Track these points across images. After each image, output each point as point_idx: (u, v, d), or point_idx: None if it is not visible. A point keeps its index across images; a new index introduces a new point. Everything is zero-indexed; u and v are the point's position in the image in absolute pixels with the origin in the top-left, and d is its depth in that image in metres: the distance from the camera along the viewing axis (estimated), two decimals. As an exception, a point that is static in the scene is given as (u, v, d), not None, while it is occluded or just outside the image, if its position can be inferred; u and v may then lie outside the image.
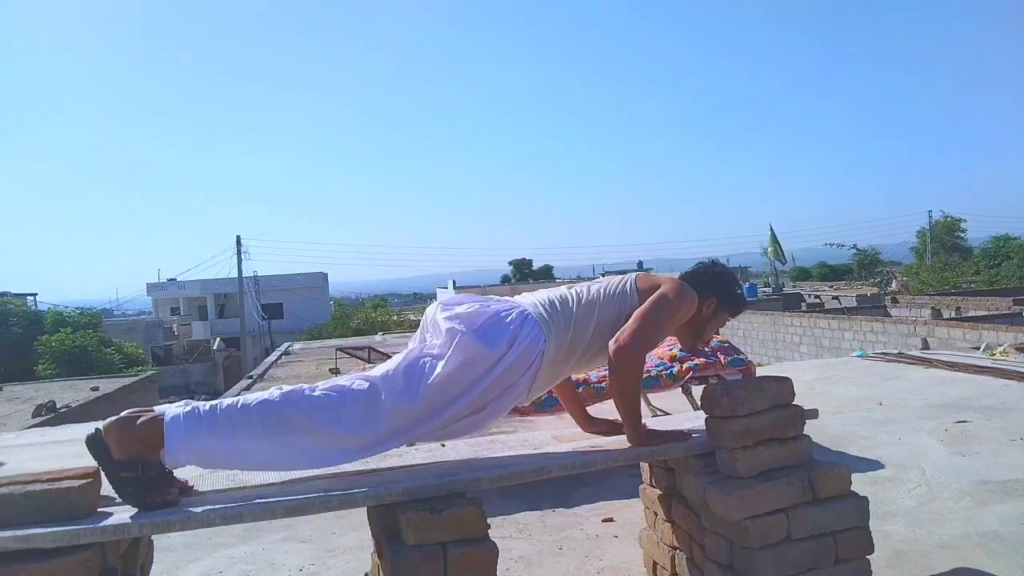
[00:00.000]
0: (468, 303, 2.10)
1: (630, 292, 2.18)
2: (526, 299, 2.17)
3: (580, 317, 2.13)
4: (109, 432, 1.80)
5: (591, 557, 3.00)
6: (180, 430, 1.82)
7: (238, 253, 31.51)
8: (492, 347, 1.98)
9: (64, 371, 20.79)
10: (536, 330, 2.04)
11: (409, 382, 1.97)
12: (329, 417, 1.90)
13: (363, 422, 1.93)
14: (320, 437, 1.90)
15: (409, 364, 2.01)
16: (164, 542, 3.12)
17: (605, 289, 2.19)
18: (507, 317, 2.05)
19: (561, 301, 2.15)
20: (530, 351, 2.02)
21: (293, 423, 1.88)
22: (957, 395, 5.62)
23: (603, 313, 2.15)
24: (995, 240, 31.57)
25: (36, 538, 1.60)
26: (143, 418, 1.83)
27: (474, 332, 1.99)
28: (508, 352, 1.99)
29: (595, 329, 2.14)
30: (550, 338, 2.06)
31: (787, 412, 2.15)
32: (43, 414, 10.06)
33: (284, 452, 1.89)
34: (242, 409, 1.88)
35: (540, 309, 2.10)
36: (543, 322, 2.07)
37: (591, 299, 2.16)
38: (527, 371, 2.04)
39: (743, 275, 41.59)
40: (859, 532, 2.12)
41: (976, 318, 14.05)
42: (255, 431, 1.86)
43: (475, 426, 2.08)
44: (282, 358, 15.49)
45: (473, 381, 1.98)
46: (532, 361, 2.03)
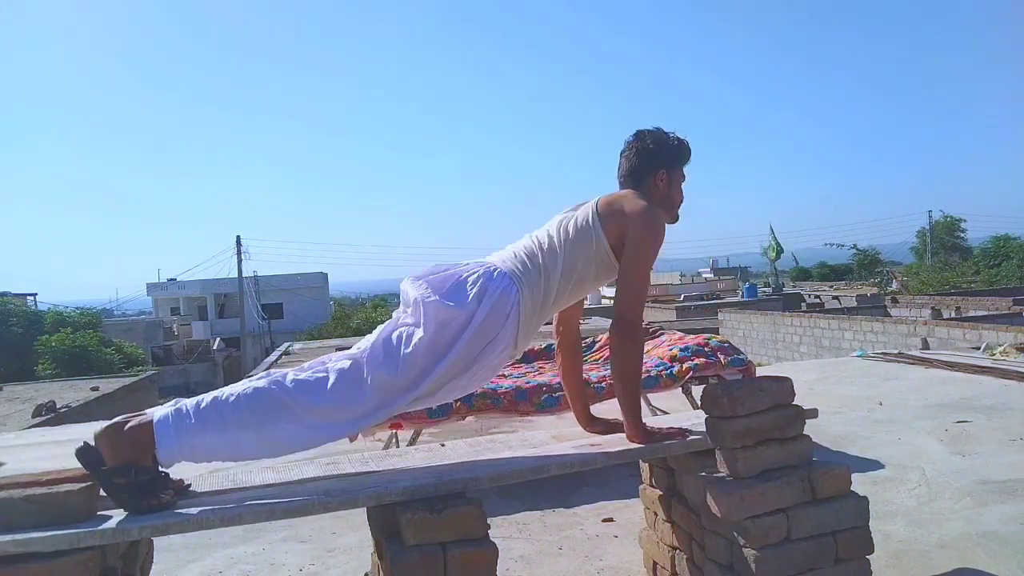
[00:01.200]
0: (436, 271, 2.10)
1: (593, 225, 2.14)
2: (493, 257, 2.17)
3: (547, 261, 2.11)
4: (100, 440, 1.80)
5: (591, 557, 3.00)
6: (170, 429, 1.82)
7: (238, 253, 31.52)
8: (461, 307, 1.98)
9: (64, 371, 20.79)
10: (506, 280, 2.04)
11: (388, 354, 1.97)
12: (316, 397, 1.91)
13: (349, 398, 1.93)
14: (309, 417, 1.90)
15: (386, 337, 2.02)
16: (164, 542, 3.12)
17: (566, 228, 2.16)
18: (471, 275, 2.05)
19: (527, 252, 2.13)
20: (503, 302, 2.01)
21: (281, 406, 1.88)
22: (957, 395, 5.62)
23: (570, 251, 2.13)
24: (995, 240, 31.58)
25: (36, 542, 1.60)
26: (132, 422, 1.83)
27: (441, 295, 2.00)
28: (479, 307, 1.99)
29: (564, 268, 2.12)
30: (523, 288, 2.05)
31: (787, 412, 2.15)
32: (43, 414, 10.05)
33: (275, 436, 1.89)
34: (228, 399, 1.88)
35: (507, 263, 2.10)
36: (512, 274, 2.06)
37: (554, 243, 2.14)
38: (506, 322, 2.03)
39: (743, 275, 41.59)
40: (859, 532, 2.12)
41: (976, 318, 14.05)
42: (244, 419, 1.86)
43: (466, 386, 2.07)
44: (282, 358, 15.48)
45: (449, 342, 1.98)
46: (508, 311, 2.02)
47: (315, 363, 2.03)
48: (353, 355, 2.01)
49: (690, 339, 4.50)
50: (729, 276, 43.47)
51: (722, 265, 52.95)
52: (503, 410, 3.78)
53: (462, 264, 2.14)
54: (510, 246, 2.21)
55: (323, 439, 1.95)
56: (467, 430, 4.83)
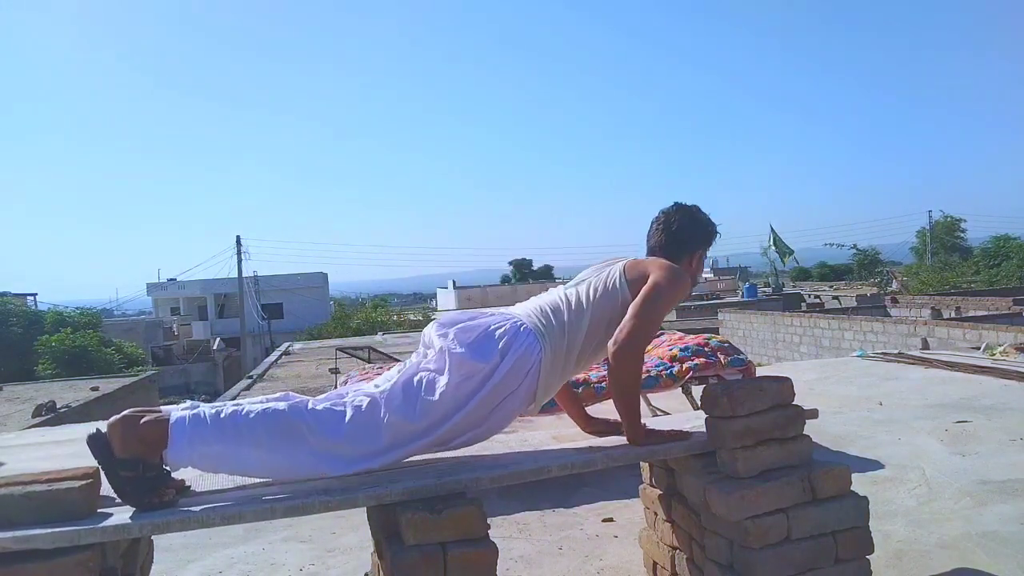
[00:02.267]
0: (461, 320, 2.12)
1: (620, 287, 2.17)
2: (518, 309, 2.19)
3: (573, 321, 2.13)
4: (113, 429, 1.81)
5: (591, 557, 3.00)
6: (185, 432, 1.83)
7: (238, 253, 31.53)
8: (485, 360, 2.01)
9: (64, 371, 20.78)
10: (531, 338, 2.06)
11: (407, 398, 1.99)
12: (331, 430, 1.93)
13: (363, 435, 1.95)
14: (321, 448, 1.92)
15: (407, 380, 2.04)
16: (164, 542, 3.12)
17: (595, 287, 2.19)
18: (499, 330, 2.07)
19: (553, 308, 2.16)
20: (525, 359, 2.04)
21: (296, 433, 1.90)
22: (957, 395, 5.62)
23: (595, 312, 2.15)
24: (995, 240, 31.58)
25: (36, 539, 1.60)
26: (147, 418, 1.84)
27: (467, 346, 2.02)
28: (502, 363, 2.01)
29: (590, 329, 2.14)
30: (546, 345, 2.07)
31: (787, 412, 2.15)
32: (43, 414, 10.05)
33: (284, 461, 1.90)
34: (247, 416, 1.90)
35: (533, 318, 2.12)
36: (537, 331, 2.08)
37: (581, 301, 2.16)
38: (525, 379, 2.05)
39: (743, 275, 41.61)
40: (859, 532, 2.12)
41: (976, 318, 14.04)
42: (258, 439, 1.87)
43: (478, 438, 2.10)
44: (282, 358, 15.49)
45: (469, 395, 2.00)
46: (529, 369, 2.05)
47: (333, 395, 2.05)
48: (372, 393, 2.02)
49: (690, 339, 4.50)
50: (729, 276, 43.48)
51: (722, 265, 52.96)
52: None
53: (488, 315, 2.16)
54: (534, 299, 2.23)
55: (330, 472, 1.95)
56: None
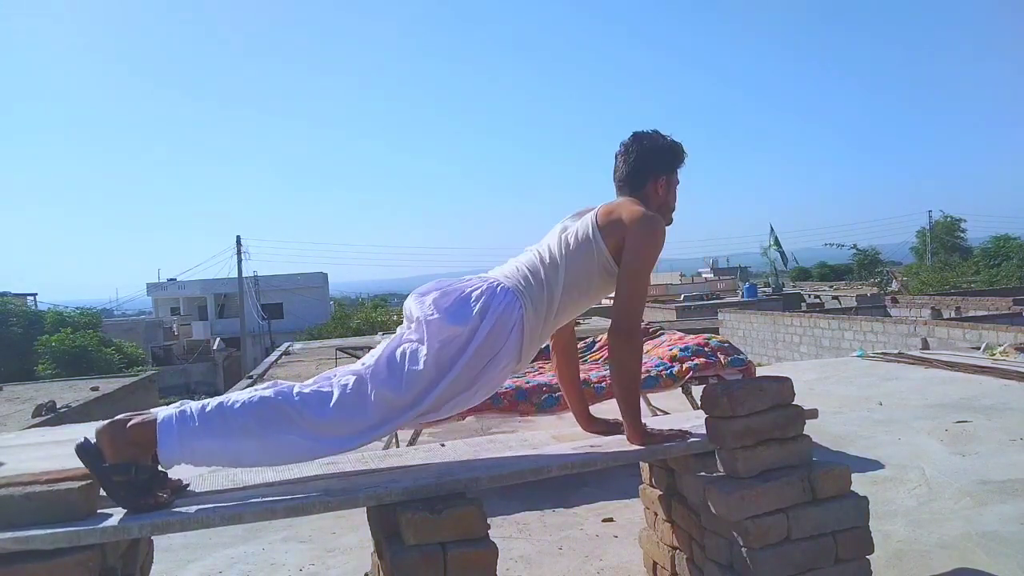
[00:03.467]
0: (438, 288, 2.11)
1: (594, 236, 2.14)
2: (495, 272, 2.18)
3: (549, 275, 2.12)
4: (102, 436, 1.81)
5: (591, 557, 3.00)
6: (173, 430, 1.83)
7: (238, 253, 31.53)
8: (464, 323, 1.99)
9: (64, 371, 20.77)
10: (508, 296, 2.05)
11: (392, 370, 1.99)
12: (319, 410, 1.92)
13: (352, 412, 1.94)
14: (312, 429, 1.91)
15: (390, 354, 2.03)
16: (164, 542, 3.12)
17: (567, 240, 2.16)
18: (475, 291, 2.06)
19: (529, 266, 2.14)
20: (506, 318, 2.02)
21: (284, 417, 1.90)
22: (957, 395, 5.62)
23: (571, 263, 2.13)
24: (995, 240, 31.59)
25: (36, 539, 1.60)
26: (134, 420, 1.84)
27: (444, 312, 2.01)
28: (482, 324, 2.00)
29: (567, 281, 2.13)
30: (526, 302, 2.06)
31: (787, 412, 2.15)
32: (43, 414, 10.05)
33: (277, 446, 1.90)
34: (233, 406, 1.89)
35: (511, 278, 2.11)
36: (515, 289, 2.07)
37: (554, 255, 2.15)
38: (509, 337, 2.03)
39: (743, 275, 41.59)
40: (859, 532, 2.12)
41: (976, 318, 14.04)
42: (248, 427, 1.87)
43: (469, 400, 2.08)
44: (282, 358, 15.48)
45: (453, 358, 1.99)
46: (512, 327, 2.03)
47: (321, 377, 2.04)
48: (357, 371, 2.02)
49: (690, 339, 4.50)
50: (729, 276, 43.48)
51: (722, 265, 52.95)
52: (503, 410, 3.78)
53: (465, 280, 2.15)
54: (512, 260, 2.22)
55: (324, 452, 1.96)
56: (467, 430, 4.83)
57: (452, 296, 2.06)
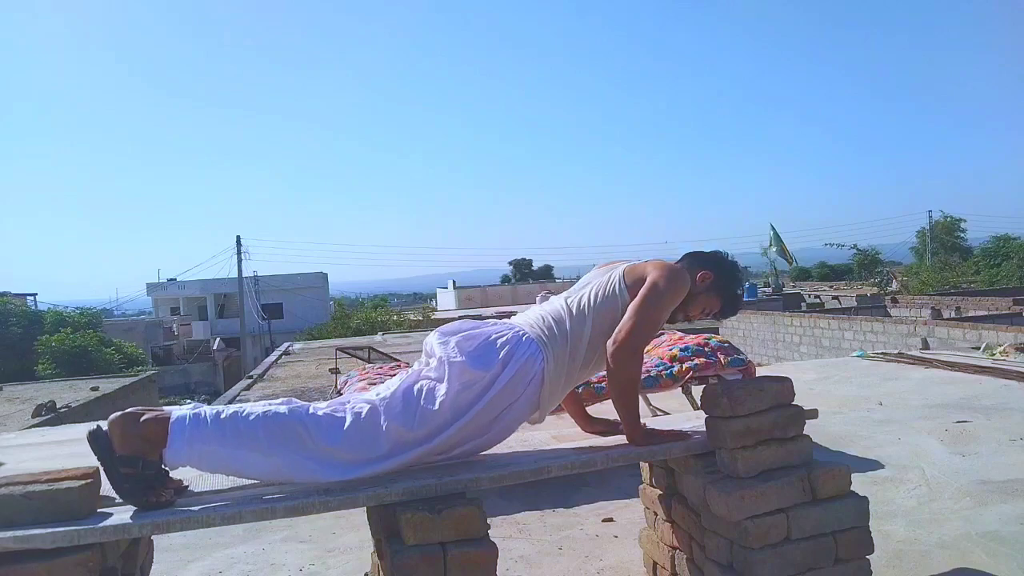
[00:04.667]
0: (463, 329, 2.12)
1: (620, 292, 2.17)
2: (520, 319, 2.20)
3: (575, 328, 2.14)
4: (113, 426, 1.82)
5: (591, 557, 3.00)
6: (185, 432, 1.84)
7: (238, 253, 31.53)
8: (486, 368, 2.01)
9: (64, 371, 20.78)
10: (532, 347, 2.07)
11: (407, 406, 2.00)
12: (330, 436, 1.93)
13: (362, 441, 1.95)
14: (319, 453, 1.92)
15: (407, 388, 2.04)
16: (164, 542, 3.12)
17: (595, 294, 2.19)
18: (500, 339, 2.07)
19: (555, 316, 2.16)
20: (527, 369, 2.04)
21: (295, 437, 1.90)
22: (957, 395, 5.62)
23: (597, 318, 2.15)
24: (995, 240, 31.56)
25: (36, 538, 1.60)
26: (148, 416, 1.85)
27: (468, 355, 2.02)
28: (503, 372, 2.01)
29: (592, 335, 2.15)
30: (548, 354, 2.08)
31: (787, 412, 2.15)
32: (43, 414, 10.05)
33: (282, 465, 1.90)
34: (248, 419, 1.90)
35: (535, 328, 2.12)
36: (539, 340, 2.09)
37: (582, 308, 2.17)
38: (527, 388, 2.05)
39: (743, 275, 41.57)
40: (859, 532, 2.12)
41: (976, 318, 14.04)
42: (257, 441, 1.88)
43: (480, 448, 2.10)
44: (282, 358, 15.48)
45: (469, 404, 2.00)
46: (532, 378, 2.05)
47: (335, 402, 2.05)
48: (372, 401, 2.02)
49: (690, 339, 4.50)
50: (729, 276, 43.31)
51: (722, 265, 52.72)
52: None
53: (490, 325, 2.16)
54: (536, 308, 2.24)
55: (328, 477, 1.94)
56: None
57: (476, 341, 2.07)
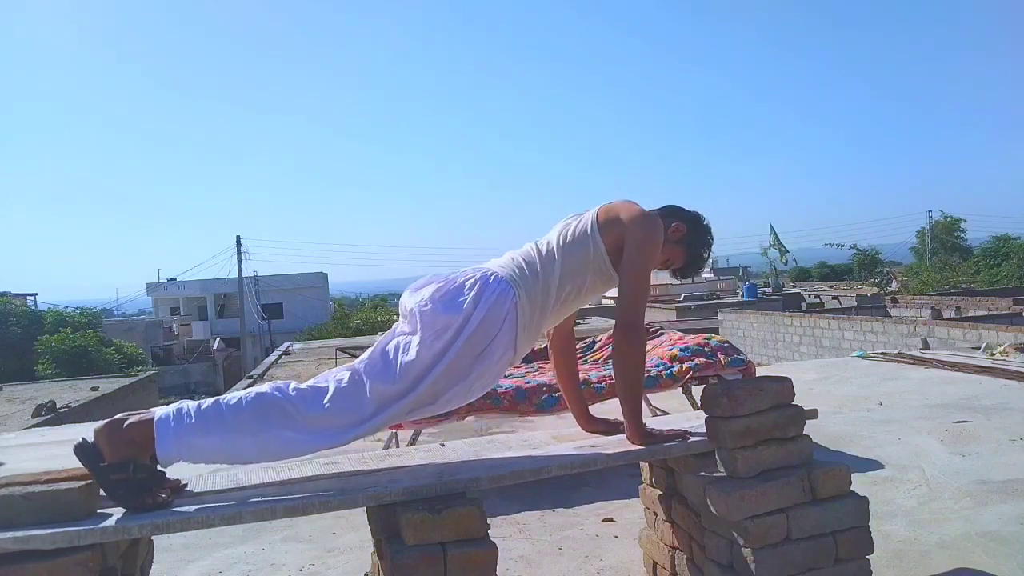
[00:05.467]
0: (432, 280, 2.12)
1: (591, 231, 2.16)
2: (491, 263, 2.18)
3: (546, 266, 2.13)
4: (99, 435, 1.81)
5: (591, 557, 3.00)
6: (170, 427, 1.84)
7: (238, 253, 31.53)
8: (456, 311, 2.00)
9: (64, 371, 20.78)
10: (502, 284, 2.05)
11: (386, 362, 2.00)
12: (315, 405, 1.93)
13: (348, 405, 1.95)
14: (308, 424, 1.92)
15: (383, 347, 2.04)
16: (164, 542, 3.12)
17: (566, 234, 2.18)
18: (468, 280, 2.06)
19: (524, 257, 2.15)
20: (499, 306, 2.02)
21: (281, 413, 1.90)
22: (957, 395, 5.62)
23: (568, 255, 2.14)
24: (995, 240, 31.56)
25: (36, 539, 1.60)
26: (132, 419, 1.85)
27: (437, 301, 2.02)
28: (475, 312, 2.00)
29: (563, 272, 2.13)
30: (519, 291, 2.06)
31: (787, 412, 2.15)
32: (43, 414, 10.05)
33: (274, 442, 1.90)
34: (230, 403, 1.90)
35: (505, 268, 2.11)
36: (509, 278, 2.07)
37: (552, 247, 2.16)
38: (503, 325, 2.03)
39: (743, 275, 41.61)
40: (859, 532, 2.12)
41: (976, 318, 14.04)
42: (244, 423, 1.88)
43: (465, 393, 2.06)
44: (282, 358, 15.48)
45: (446, 345, 1.99)
46: (505, 315, 2.03)
47: (318, 377, 2.06)
48: (352, 366, 2.04)
49: (690, 339, 4.50)
50: (729, 276, 43.48)
51: (722, 265, 52.94)
52: (503, 410, 3.78)
53: (459, 272, 2.15)
54: (508, 253, 2.22)
55: (320, 445, 1.95)
56: (467, 430, 4.83)
57: (445, 287, 2.06)
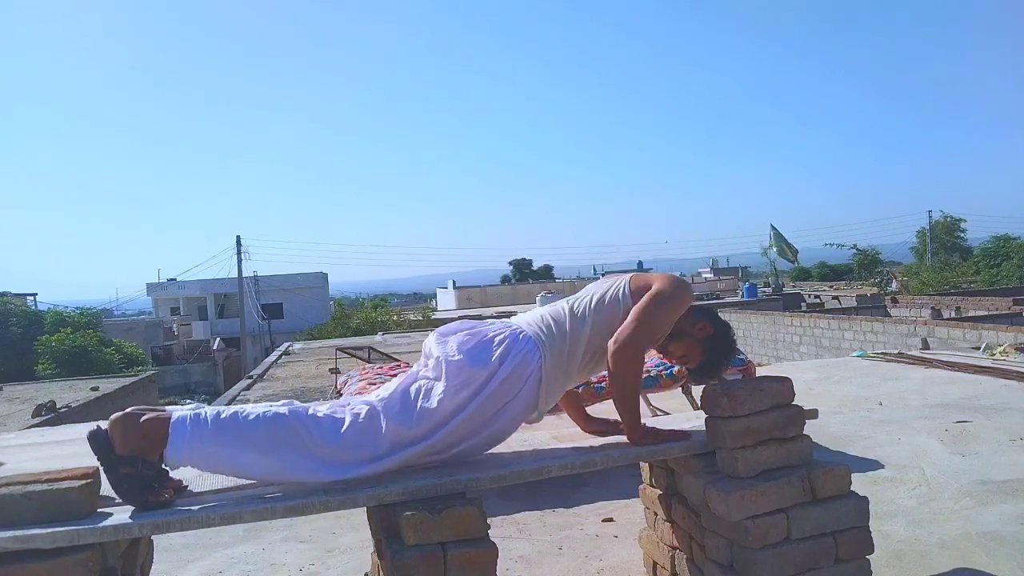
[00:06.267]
0: (461, 329, 2.14)
1: (623, 296, 2.18)
2: (520, 319, 2.21)
3: (575, 328, 2.14)
4: (114, 426, 1.82)
5: (591, 557, 3.00)
6: (185, 432, 1.84)
7: (238, 253, 31.54)
8: (483, 366, 2.01)
9: (64, 371, 20.79)
10: (529, 344, 2.07)
11: (405, 405, 2.01)
12: (329, 436, 1.93)
13: (361, 441, 1.96)
14: (319, 453, 1.92)
15: (405, 388, 2.05)
16: (164, 542, 3.12)
17: (598, 296, 2.20)
18: (497, 336, 2.08)
19: (554, 316, 2.17)
20: (524, 365, 2.04)
21: (295, 437, 1.91)
22: (957, 395, 5.62)
23: (597, 319, 2.16)
24: (995, 240, 31.57)
25: (36, 538, 1.60)
26: (148, 416, 1.86)
27: (465, 353, 2.04)
28: (500, 368, 2.02)
29: (590, 336, 2.15)
30: (545, 351, 2.08)
31: (787, 412, 2.15)
32: (43, 414, 10.06)
33: (281, 465, 1.90)
34: (248, 419, 1.91)
35: (534, 327, 2.13)
36: (537, 338, 2.09)
37: (584, 309, 2.18)
38: (525, 385, 2.05)
39: (743, 275, 41.62)
40: (859, 532, 2.12)
41: (976, 318, 14.04)
42: (258, 441, 1.88)
43: (480, 446, 2.10)
44: (282, 358, 15.48)
45: (466, 401, 2.01)
46: (529, 375, 2.05)
47: (335, 404, 2.06)
48: (371, 402, 2.04)
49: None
50: (729, 276, 43.50)
51: (722, 265, 52.95)
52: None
53: (488, 324, 2.17)
54: (538, 309, 2.25)
55: (328, 477, 1.94)
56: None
57: (474, 339, 2.08)
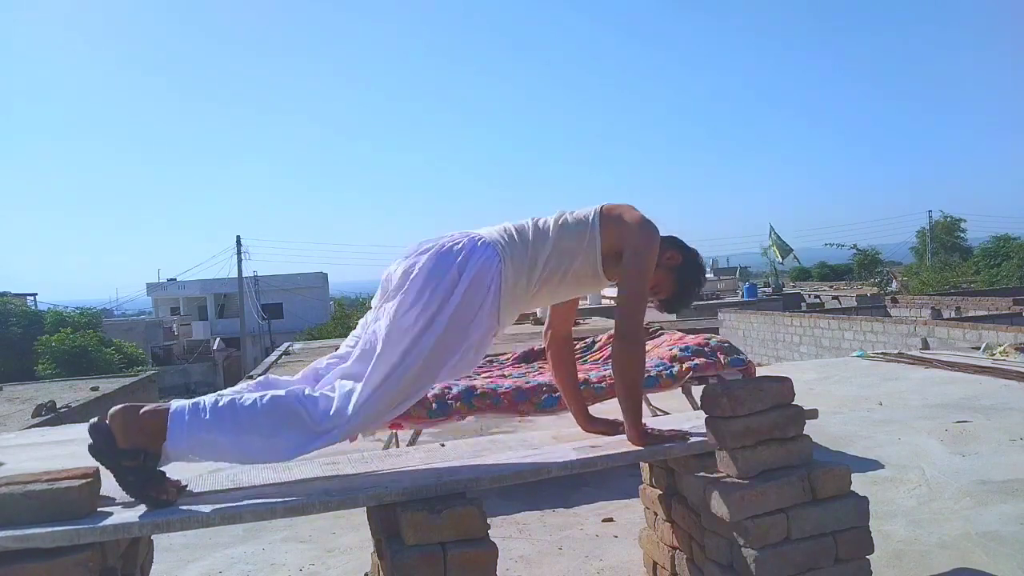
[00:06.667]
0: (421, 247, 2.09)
1: (592, 222, 2.14)
2: (483, 229, 2.16)
3: (537, 239, 2.11)
4: (114, 419, 1.82)
5: (591, 557, 3.00)
6: (184, 421, 1.84)
7: (238, 253, 31.54)
8: (443, 277, 1.98)
9: (64, 371, 20.80)
10: (488, 250, 2.04)
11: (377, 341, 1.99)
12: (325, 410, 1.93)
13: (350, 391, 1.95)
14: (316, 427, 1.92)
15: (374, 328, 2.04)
16: (164, 542, 3.12)
17: (566, 217, 2.17)
18: (457, 244, 2.05)
19: (517, 227, 2.14)
20: (484, 272, 2.01)
21: (295, 416, 1.90)
22: (957, 395, 5.62)
23: (561, 236, 2.12)
24: (995, 240, 31.58)
25: (36, 538, 1.60)
26: (147, 408, 1.86)
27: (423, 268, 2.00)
28: (461, 278, 1.99)
29: (554, 252, 2.11)
30: (505, 258, 2.05)
31: (787, 412, 2.15)
32: (43, 414, 10.06)
33: (282, 445, 1.90)
34: (245, 404, 1.90)
35: (493, 234, 2.10)
36: (497, 245, 2.06)
37: (548, 224, 2.15)
38: (488, 292, 2.01)
39: (743, 275, 41.59)
40: (859, 532, 2.12)
41: (976, 318, 14.04)
42: (258, 425, 1.88)
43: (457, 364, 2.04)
44: (282, 358, 15.48)
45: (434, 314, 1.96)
46: (490, 283, 2.01)
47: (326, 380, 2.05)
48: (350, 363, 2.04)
49: (690, 339, 4.50)
50: (729, 276, 43.50)
51: (722, 265, 52.94)
52: (503, 410, 3.78)
53: (447, 236, 2.12)
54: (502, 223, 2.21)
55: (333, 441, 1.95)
56: (467, 430, 4.83)
57: (434, 251, 2.04)
